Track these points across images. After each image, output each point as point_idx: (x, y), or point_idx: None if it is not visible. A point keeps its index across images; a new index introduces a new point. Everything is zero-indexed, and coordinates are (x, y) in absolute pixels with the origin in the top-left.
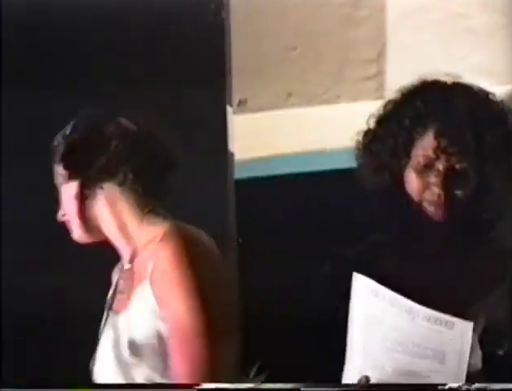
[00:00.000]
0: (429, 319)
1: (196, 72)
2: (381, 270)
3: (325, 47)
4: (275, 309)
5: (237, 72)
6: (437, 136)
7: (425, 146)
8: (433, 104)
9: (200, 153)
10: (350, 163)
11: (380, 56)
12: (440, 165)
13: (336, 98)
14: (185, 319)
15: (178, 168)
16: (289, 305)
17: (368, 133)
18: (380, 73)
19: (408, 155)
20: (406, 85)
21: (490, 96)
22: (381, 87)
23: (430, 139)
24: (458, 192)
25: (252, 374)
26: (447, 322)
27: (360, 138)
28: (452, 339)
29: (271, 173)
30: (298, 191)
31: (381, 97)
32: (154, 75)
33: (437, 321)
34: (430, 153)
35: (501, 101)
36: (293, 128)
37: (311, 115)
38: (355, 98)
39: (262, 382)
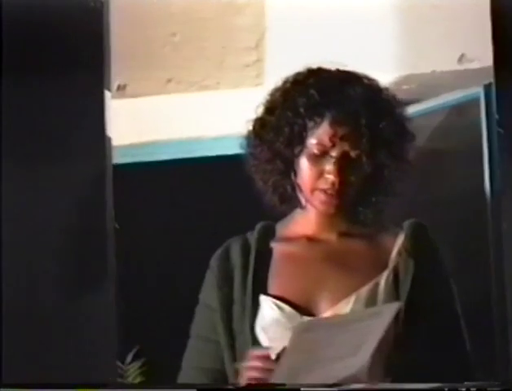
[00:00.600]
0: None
1: (75, 57)
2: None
3: (206, 34)
4: (153, 296)
5: (117, 58)
6: (333, 124)
7: (320, 134)
8: (326, 92)
9: (79, 138)
10: (231, 150)
11: (259, 44)
12: (335, 153)
13: (216, 85)
14: None
15: None
16: (167, 292)
17: (259, 122)
18: (259, 61)
19: (302, 144)
20: (293, 73)
21: (378, 85)
22: (260, 74)
23: (325, 127)
24: (352, 179)
25: (129, 359)
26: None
27: (250, 126)
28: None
29: (150, 159)
30: (178, 177)
31: (260, 84)
32: (33, 60)
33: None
34: (326, 141)
35: (388, 90)
36: (172, 114)
37: (190, 101)
38: (234, 85)
39: (140, 367)
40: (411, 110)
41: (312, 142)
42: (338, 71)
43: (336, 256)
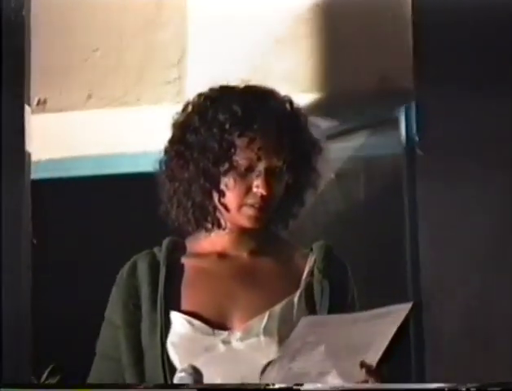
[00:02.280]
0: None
1: None
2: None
3: (127, 49)
4: (69, 312)
5: (38, 72)
6: (258, 138)
7: (246, 149)
8: (249, 108)
9: None
10: (150, 166)
11: (181, 61)
12: (262, 166)
13: (136, 101)
14: None
15: None
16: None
17: (179, 141)
18: (180, 78)
19: (229, 161)
20: (206, 91)
21: (290, 99)
22: (181, 91)
23: (251, 142)
24: (277, 191)
25: (44, 376)
26: None
27: (168, 146)
28: None
29: (69, 175)
30: (96, 193)
31: (181, 101)
32: None
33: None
34: (253, 155)
35: (299, 106)
36: (92, 129)
37: (110, 117)
38: (155, 101)
39: (55, 385)
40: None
41: (239, 157)
42: (251, 86)
43: (246, 273)
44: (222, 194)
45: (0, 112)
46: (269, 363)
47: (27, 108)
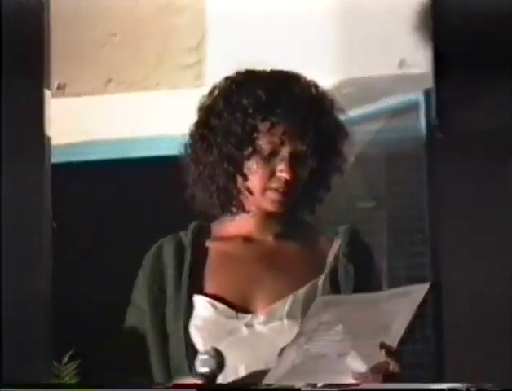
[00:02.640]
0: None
1: (14, 56)
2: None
3: (146, 34)
4: (89, 296)
5: (57, 57)
6: (282, 122)
7: (270, 133)
8: (273, 92)
9: (18, 137)
10: (169, 150)
11: (200, 45)
12: (286, 151)
13: (155, 85)
14: None
15: None
16: (103, 292)
17: (203, 125)
18: (199, 62)
19: (252, 145)
20: (231, 75)
21: (315, 83)
22: (200, 76)
23: (275, 126)
24: (301, 175)
25: (65, 360)
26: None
27: (193, 129)
28: None
29: (89, 159)
30: (116, 177)
31: (200, 85)
32: None
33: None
34: (276, 140)
35: (324, 91)
36: (112, 114)
37: (130, 101)
38: (174, 85)
39: (75, 368)
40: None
41: (263, 142)
42: (277, 71)
43: (271, 256)
44: (245, 178)
45: (20, 96)
46: (286, 345)
47: (47, 93)
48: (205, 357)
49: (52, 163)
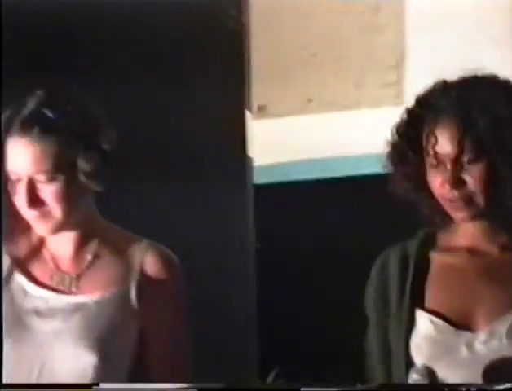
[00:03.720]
0: None
1: (216, 78)
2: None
3: (345, 54)
4: (292, 314)
5: (257, 78)
6: (461, 129)
7: (444, 142)
8: (455, 98)
9: (220, 158)
10: (370, 169)
11: (399, 63)
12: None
13: (356, 105)
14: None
15: None
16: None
17: (396, 141)
18: (399, 80)
19: (429, 154)
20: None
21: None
22: (400, 94)
23: (451, 132)
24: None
25: (270, 379)
26: None
27: (390, 147)
28: None
29: (290, 179)
30: (317, 197)
31: (400, 103)
32: (175, 81)
33: None
34: (450, 149)
35: None
36: (312, 133)
37: (330, 121)
38: (374, 104)
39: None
40: None
41: (438, 150)
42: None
43: (496, 270)
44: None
45: (223, 118)
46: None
47: (248, 114)
48: (416, 376)
49: (254, 183)
